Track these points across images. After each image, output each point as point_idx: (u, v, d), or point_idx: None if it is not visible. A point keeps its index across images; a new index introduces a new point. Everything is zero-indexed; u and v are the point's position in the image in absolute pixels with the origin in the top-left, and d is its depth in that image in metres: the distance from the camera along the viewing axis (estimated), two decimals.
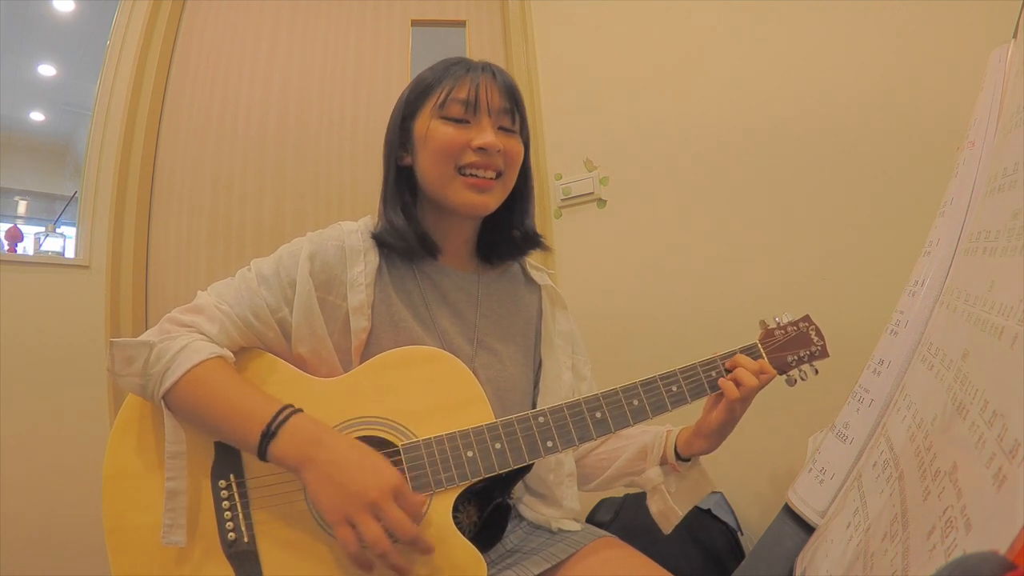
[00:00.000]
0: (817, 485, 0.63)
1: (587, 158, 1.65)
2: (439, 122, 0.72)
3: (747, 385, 0.68)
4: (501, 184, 0.75)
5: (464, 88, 0.72)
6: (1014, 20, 0.64)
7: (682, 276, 1.46)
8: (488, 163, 0.72)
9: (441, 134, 0.72)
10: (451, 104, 0.72)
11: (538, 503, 0.79)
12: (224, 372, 0.64)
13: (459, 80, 0.73)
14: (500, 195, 0.76)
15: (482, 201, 0.73)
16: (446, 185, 0.73)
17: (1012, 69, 0.61)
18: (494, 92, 0.73)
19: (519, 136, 0.77)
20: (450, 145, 0.71)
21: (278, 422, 0.60)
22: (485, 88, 0.73)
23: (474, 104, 0.72)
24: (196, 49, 1.90)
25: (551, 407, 0.67)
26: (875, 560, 0.37)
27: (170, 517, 0.61)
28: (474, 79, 0.73)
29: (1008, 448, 0.26)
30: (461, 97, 0.72)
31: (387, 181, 0.78)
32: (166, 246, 1.78)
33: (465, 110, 0.72)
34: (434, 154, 0.72)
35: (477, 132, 0.72)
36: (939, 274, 0.60)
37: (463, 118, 0.72)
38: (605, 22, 1.68)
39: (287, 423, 0.60)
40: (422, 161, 0.74)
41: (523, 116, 0.77)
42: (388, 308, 0.73)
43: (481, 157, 0.72)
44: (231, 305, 0.69)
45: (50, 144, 2.79)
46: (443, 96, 0.72)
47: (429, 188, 0.75)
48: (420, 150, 0.74)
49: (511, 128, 0.75)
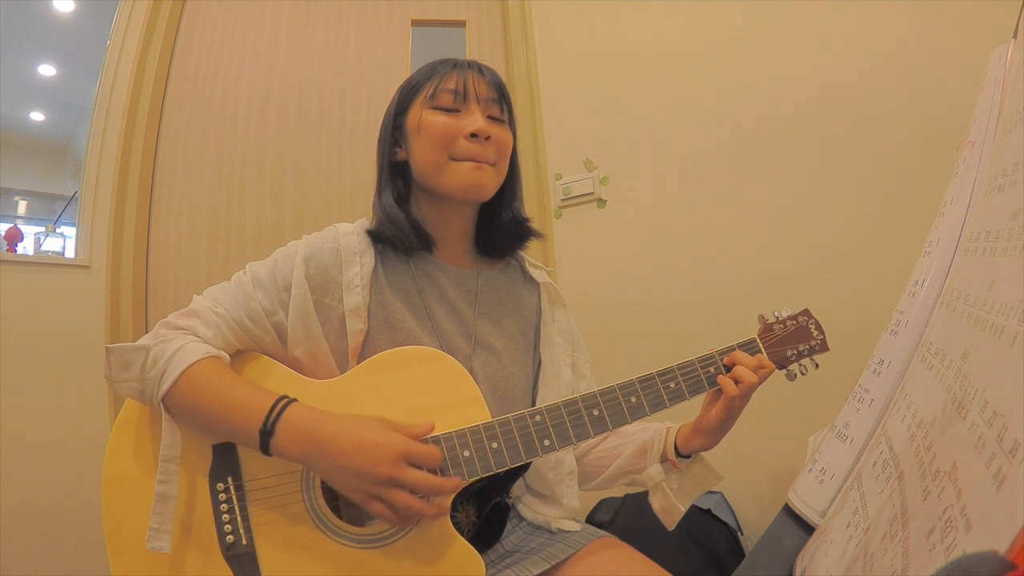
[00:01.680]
0: (817, 485, 0.63)
1: (587, 158, 1.65)
2: (430, 112, 0.74)
3: (746, 382, 0.68)
4: (495, 170, 0.76)
5: (452, 80, 0.75)
6: (1014, 20, 0.64)
7: (682, 275, 1.46)
8: (480, 152, 0.73)
9: (433, 122, 0.74)
10: (441, 94, 0.74)
11: (538, 502, 0.79)
12: (219, 370, 0.64)
13: (447, 74, 0.75)
14: (495, 180, 0.77)
15: (478, 178, 0.74)
16: (441, 171, 0.74)
17: (1012, 69, 0.61)
18: (482, 83, 0.76)
19: (508, 126, 0.78)
20: (443, 132, 0.73)
21: (273, 418, 0.60)
22: (473, 80, 0.75)
23: (463, 93, 0.74)
24: (196, 49, 1.90)
25: (548, 406, 0.66)
26: (875, 560, 0.37)
27: (157, 521, 0.60)
28: (462, 72, 0.76)
29: (1008, 448, 0.26)
30: (451, 87, 0.74)
31: (381, 176, 0.79)
32: (166, 246, 1.78)
33: (455, 99, 0.74)
34: (427, 142, 0.74)
35: (468, 120, 0.73)
36: (939, 274, 0.60)
37: (453, 107, 0.74)
38: (605, 22, 1.68)
39: (282, 418, 0.60)
40: (416, 151, 0.75)
41: (510, 107, 0.80)
42: (384, 309, 0.72)
43: (473, 143, 0.73)
44: (227, 309, 0.69)
45: (50, 144, 2.79)
46: (433, 88, 0.75)
47: (424, 177, 0.76)
48: (413, 141, 0.76)
49: (500, 117, 0.77)
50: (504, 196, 0.82)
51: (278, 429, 0.60)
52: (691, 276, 1.45)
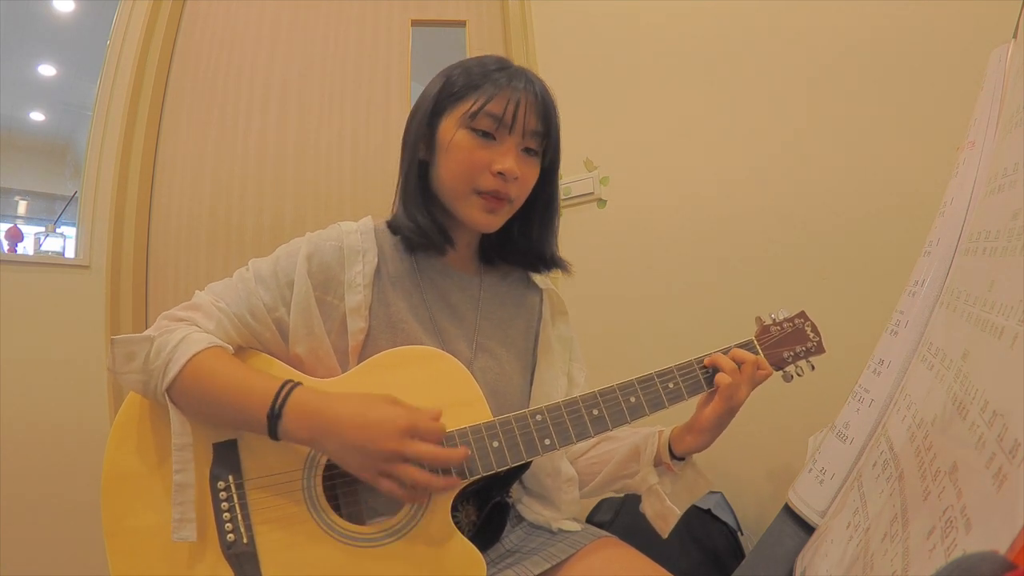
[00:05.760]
0: (817, 485, 0.63)
1: (587, 158, 1.65)
2: (465, 133, 0.71)
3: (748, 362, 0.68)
4: (510, 207, 0.75)
5: (500, 103, 0.70)
6: (1014, 20, 0.64)
7: (681, 275, 1.46)
8: (503, 188, 0.71)
9: (465, 149, 0.70)
10: (483, 117, 0.70)
11: (537, 504, 0.79)
12: (223, 359, 0.64)
13: (499, 91, 0.70)
14: (507, 215, 0.76)
15: (488, 221, 0.74)
16: (459, 199, 0.73)
17: (1012, 69, 0.61)
18: (531, 113, 0.72)
19: (540, 159, 0.76)
20: (471, 164, 0.71)
21: (281, 400, 0.60)
22: (523, 108, 0.70)
23: (509, 125, 0.70)
24: (196, 49, 1.90)
25: (549, 405, 0.66)
26: (875, 560, 0.37)
27: (179, 511, 0.61)
28: (514, 94, 0.70)
29: (1008, 448, 0.26)
30: (495, 112, 0.69)
31: (408, 175, 0.77)
32: (166, 246, 1.78)
33: (496, 127, 0.70)
34: (454, 166, 0.72)
35: (500, 154, 0.71)
36: (939, 274, 0.60)
37: (491, 133, 0.71)
38: (605, 22, 1.68)
39: (289, 400, 0.61)
40: (441, 167, 0.73)
41: (553, 139, 0.76)
42: (386, 309, 0.72)
43: (498, 182, 0.71)
44: (228, 304, 0.69)
45: (50, 144, 2.79)
46: (477, 106, 0.70)
47: (442, 194, 0.75)
48: (441, 155, 0.73)
49: (535, 150, 0.74)
50: (530, 219, 0.80)
51: (285, 412, 0.60)
52: (691, 276, 1.45)
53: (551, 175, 0.80)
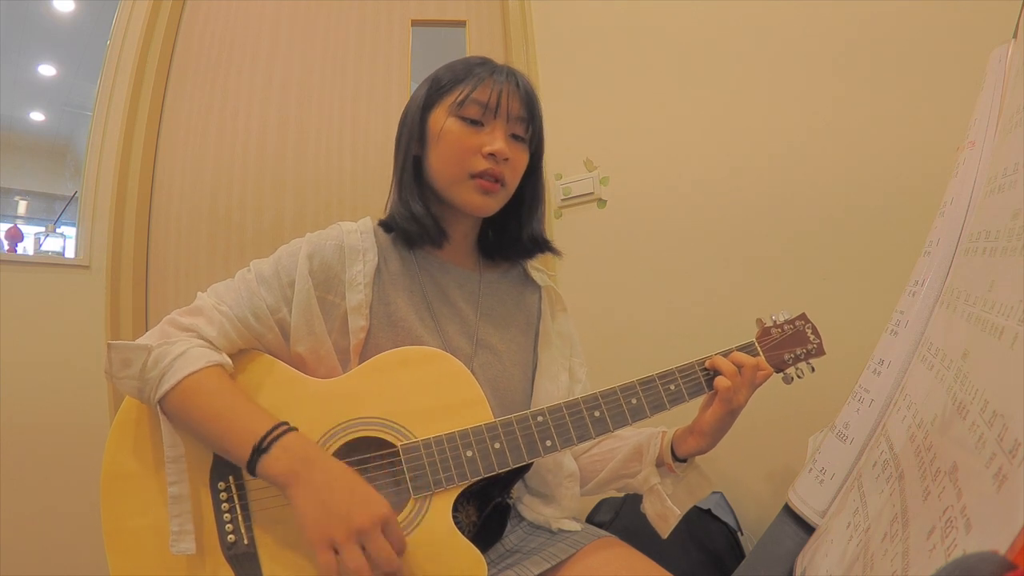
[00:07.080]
0: (817, 485, 0.63)
1: (587, 158, 1.65)
2: (454, 120, 0.73)
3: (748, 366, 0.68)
4: (504, 190, 0.76)
5: (485, 91, 0.73)
6: (1014, 20, 0.64)
7: (682, 276, 1.46)
8: (495, 170, 0.73)
9: (454, 135, 0.73)
10: (470, 104, 0.72)
11: (538, 503, 0.79)
12: (220, 382, 0.64)
13: (481, 81, 0.73)
14: (502, 199, 0.77)
15: (485, 203, 0.75)
16: (454, 184, 0.74)
17: (1012, 69, 0.61)
18: (515, 100, 0.74)
19: (528, 146, 0.78)
20: (462, 148, 0.73)
21: (272, 437, 0.59)
22: (507, 95, 0.73)
23: (494, 109, 0.73)
24: (196, 49, 1.90)
25: (550, 406, 0.66)
26: (875, 560, 0.37)
27: (177, 524, 0.61)
28: (497, 83, 0.73)
29: (1008, 448, 0.26)
30: (481, 99, 0.72)
31: (403, 169, 0.78)
32: (166, 246, 1.78)
33: (483, 113, 0.73)
34: (446, 153, 0.73)
35: (489, 137, 0.73)
36: (939, 274, 0.60)
37: (478, 120, 0.73)
38: (605, 22, 1.68)
39: (281, 439, 0.59)
40: (433, 157, 0.75)
41: (537, 126, 0.78)
42: (386, 308, 0.73)
43: (490, 163, 0.72)
44: (231, 306, 0.69)
45: (50, 144, 2.80)
46: (464, 95, 0.73)
47: (436, 183, 0.76)
48: (432, 145, 0.75)
49: (522, 136, 0.76)
50: (522, 212, 0.82)
51: (274, 448, 0.59)
52: (690, 275, 1.45)
53: (537, 161, 0.82)
